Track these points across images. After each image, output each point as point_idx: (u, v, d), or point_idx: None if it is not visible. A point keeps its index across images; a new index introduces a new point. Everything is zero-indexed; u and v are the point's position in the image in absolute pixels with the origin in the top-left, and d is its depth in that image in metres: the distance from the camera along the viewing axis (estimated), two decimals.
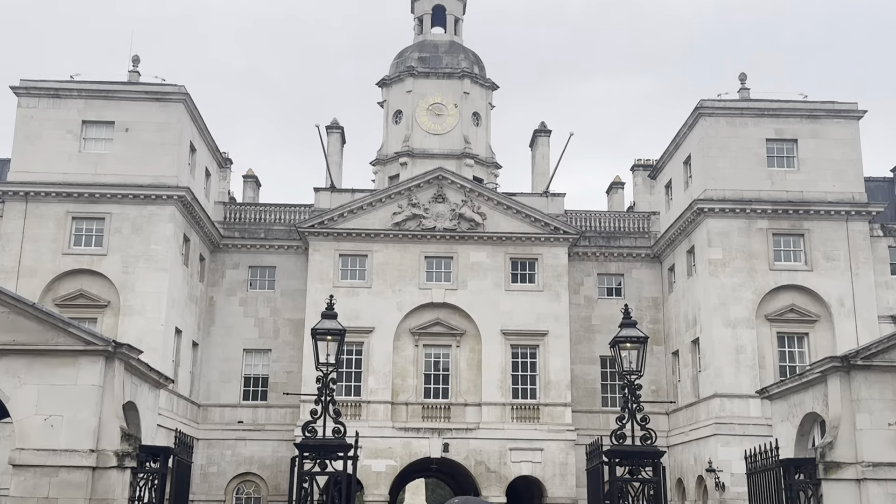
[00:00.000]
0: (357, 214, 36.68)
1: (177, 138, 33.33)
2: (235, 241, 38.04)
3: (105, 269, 32.20)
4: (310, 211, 38.40)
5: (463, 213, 36.60)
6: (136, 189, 32.62)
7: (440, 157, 43.81)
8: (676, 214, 36.10)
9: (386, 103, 46.52)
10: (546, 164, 42.82)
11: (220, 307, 37.57)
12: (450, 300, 36.11)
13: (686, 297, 35.27)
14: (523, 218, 36.68)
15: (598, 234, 38.81)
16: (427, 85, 45.43)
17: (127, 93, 33.65)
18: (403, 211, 36.62)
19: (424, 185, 36.93)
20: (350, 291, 35.92)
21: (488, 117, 46.61)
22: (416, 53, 46.47)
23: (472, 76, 45.65)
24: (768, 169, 33.63)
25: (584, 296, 38.02)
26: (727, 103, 34.34)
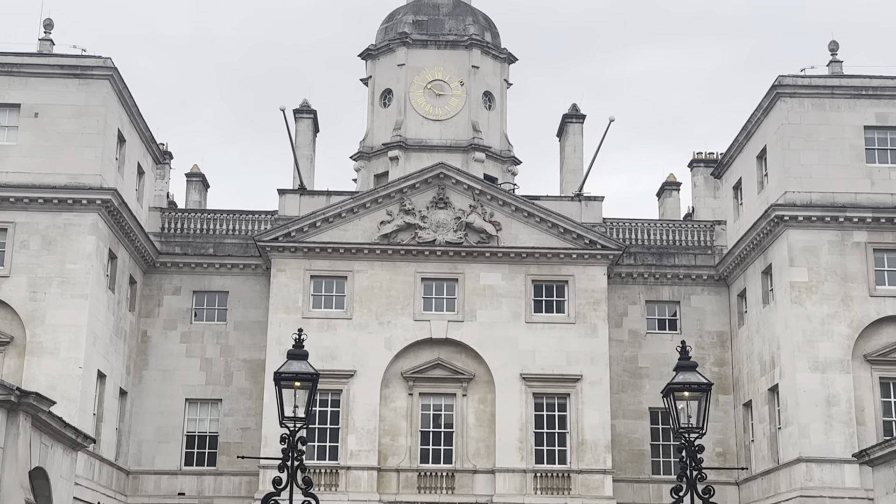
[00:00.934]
0: (334, 224, 36.82)
1: (101, 126, 33.54)
2: (176, 259, 38.22)
3: (6, 294, 32.28)
4: (273, 219, 38.61)
5: (471, 222, 36.75)
6: (48, 191, 32.77)
7: (442, 149, 44.05)
8: (748, 224, 36.15)
9: (371, 80, 46.83)
10: (579, 158, 43.04)
11: (155, 344, 37.67)
12: (454, 335, 36.20)
13: (761, 331, 35.29)
14: (549, 228, 36.83)
15: (647, 250, 38.92)
16: (425, 56, 45.73)
17: (36, 67, 33.88)
18: (394, 219, 36.79)
19: (421, 185, 37.09)
20: (324, 324, 36.02)
21: (504, 98, 46.90)
22: (410, 16, 46.83)
23: (482, 45, 45.94)
24: (867, 165, 33.73)
25: (629, 330, 38.08)
26: (814, 80, 34.51)
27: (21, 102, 33.49)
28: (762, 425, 34.81)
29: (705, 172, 41.63)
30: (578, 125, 43.72)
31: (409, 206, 36.78)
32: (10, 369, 31.46)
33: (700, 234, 39.45)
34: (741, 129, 37.14)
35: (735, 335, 37.74)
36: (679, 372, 15.18)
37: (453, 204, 36.90)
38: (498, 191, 37.63)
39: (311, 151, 43.66)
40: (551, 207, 37.36)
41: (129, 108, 35.81)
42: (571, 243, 36.69)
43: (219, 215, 39.32)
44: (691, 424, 14.77)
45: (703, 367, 36.19)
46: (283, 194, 38.52)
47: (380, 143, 45.34)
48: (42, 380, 30.99)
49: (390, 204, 36.90)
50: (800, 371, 32.09)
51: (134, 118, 36.46)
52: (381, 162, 45.10)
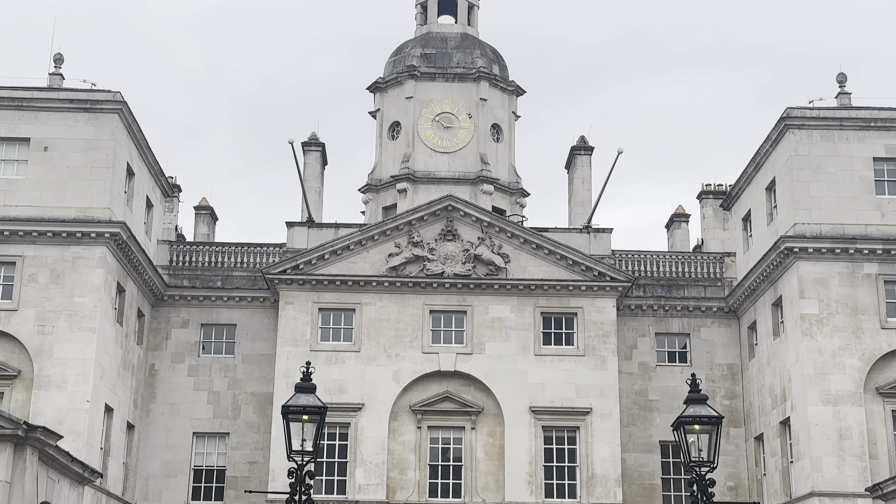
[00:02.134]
0: (342, 256, 36.86)
1: (110, 160, 33.66)
2: (184, 292, 38.24)
3: (14, 328, 32.27)
4: (281, 252, 38.65)
5: (479, 254, 36.76)
6: (57, 224, 32.86)
7: (450, 181, 44.18)
8: (758, 256, 36.09)
9: (380, 113, 47.04)
10: (587, 190, 43.10)
11: (163, 378, 37.64)
12: (462, 368, 36.12)
13: (772, 364, 35.15)
14: (558, 260, 36.83)
15: (657, 282, 38.87)
16: (433, 89, 45.97)
17: (46, 101, 34.07)
18: (402, 252, 36.81)
19: (429, 217, 37.16)
20: (333, 357, 35.99)
21: (512, 131, 47.06)
22: (418, 49, 47.11)
23: (490, 78, 46.18)
24: (877, 197, 33.71)
25: (639, 362, 37.95)
26: (822, 112, 34.55)
27: (31, 136, 33.63)
28: (774, 459, 34.59)
29: (714, 204, 41.69)
30: (587, 157, 43.77)
31: (418, 238, 36.81)
32: (17, 403, 31.44)
33: (710, 266, 39.40)
34: (750, 160, 37.15)
35: (746, 368, 37.58)
36: (689, 405, 15.17)
37: (462, 236, 36.95)
38: (506, 223, 37.67)
39: (319, 184, 43.77)
40: (560, 239, 37.40)
41: (139, 141, 35.98)
42: (580, 275, 36.66)
43: (227, 248, 39.39)
44: (702, 458, 14.74)
45: (714, 400, 36.05)
46: (291, 227, 38.60)
47: (388, 175, 45.46)
48: (49, 414, 30.95)
49: (398, 236, 36.94)
50: (811, 404, 31.91)
51: (143, 151, 36.62)
52: (389, 194, 45.21)
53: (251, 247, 39.42)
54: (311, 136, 44.02)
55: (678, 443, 15.22)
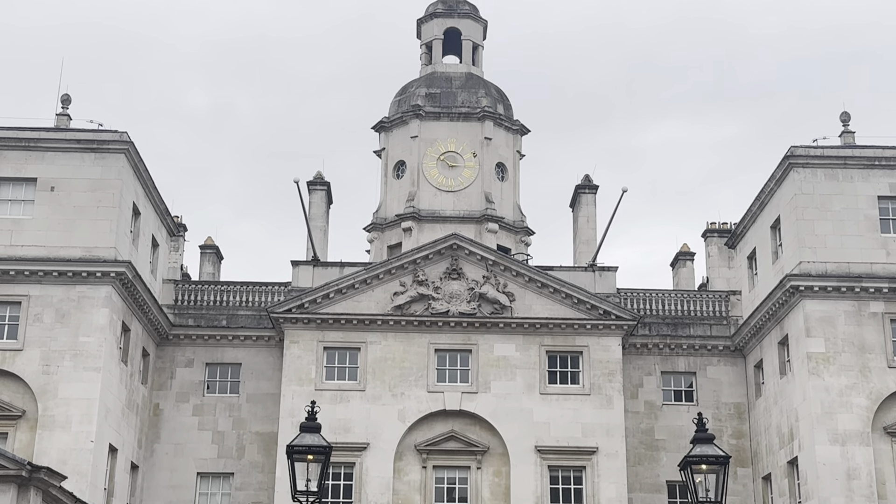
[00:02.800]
0: (347, 295, 36.85)
1: (116, 199, 33.79)
2: (189, 331, 38.21)
3: (19, 368, 32.24)
4: (286, 291, 38.66)
5: (485, 292, 36.74)
6: (62, 264, 32.91)
7: (454, 220, 44.23)
8: (764, 294, 36.02)
9: (385, 152, 47.20)
10: (592, 229, 43.15)
11: (167, 417, 37.51)
12: (468, 407, 35.98)
13: (779, 403, 34.98)
14: (563, 299, 36.80)
15: (662, 321, 38.79)
16: (437, 128, 46.16)
17: (53, 142, 34.24)
18: (407, 290, 36.80)
19: (434, 256, 37.19)
20: (338, 396, 35.87)
21: (516, 170, 47.16)
22: (423, 89, 47.35)
23: (495, 117, 46.36)
24: (882, 235, 33.74)
25: (645, 401, 37.80)
26: (826, 151, 34.64)
27: (38, 176, 33.76)
28: (782, 499, 34.33)
29: (719, 242, 41.56)
30: (591, 196, 43.84)
31: (423, 277, 36.81)
32: (21, 443, 31.33)
33: (715, 305, 39.34)
34: (754, 199, 37.22)
35: (752, 407, 37.40)
36: (696, 444, 15.10)
37: (467, 275, 36.96)
38: (511, 261, 37.67)
39: (324, 223, 43.86)
40: (565, 278, 37.38)
41: (145, 181, 36.11)
42: (585, 314, 36.62)
43: (232, 287, 39.41)
44: (710, 498, 14.65)
45: (721, 440, 35.85)
46: (296, 266, 38.63)
47: (393, 214, 45.53)
48: (53, 454, 30.84)
49: (403, 275, 36.95)
50: (819, 443, 31.73)
51: (149, 191, 36.75)
52: (394, 233, 45.25)
53: (256, 286, 39.41)
54: (316, 175, 44.18)
55: (685, 483, 15.12)
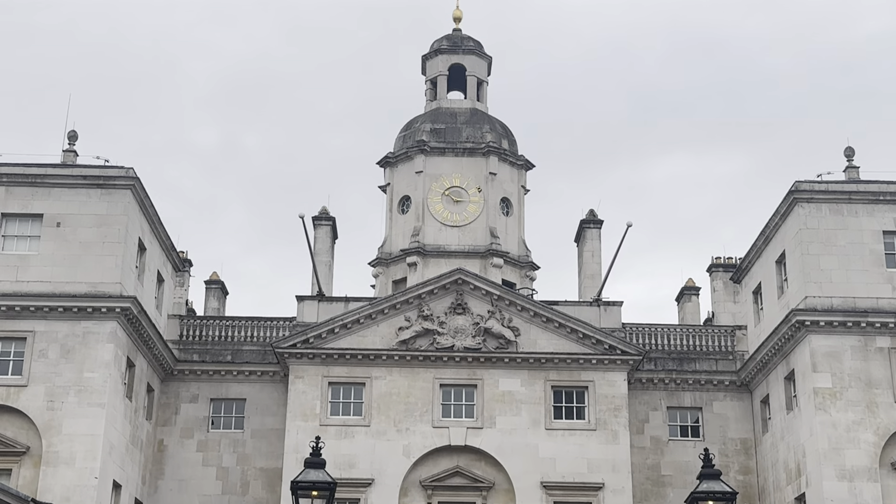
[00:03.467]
0: (352, 330, 36.83)
1: (122, 235, 33.84)
2: (194, 367, 38.17)
3: (24, 404, 32.13)
4: (291, 326, 38.66)
5: (490, 327, 36.70)
6: (68, 300, 32.89)
7: (459, 255, 44.28)
8: (769, 329, 35.92)
9: (390, 187, 47.34)
10: (597, 263, 43.16)
11: (172, 453, 37.39)
12: (473, 442, 35.83)
13: (786, 438, 34.78)
14: (568, 334, 36.74)
15: (668, 356, 38.69)
16: (442, 164, 46.31)
17: (59, 178, 34.28)
18: (412, 325, 36.78)
19: (439, 291, 37.18)
20: (342, 431, 35.76)
21: (521, 204, 47.26)
22: (428, 124, 47.53)
23: (500, 152, 46.51)
24: (888, 270, 33.62)
25: (651, 436, 37.62)
26: (831, 186, 34.63)
27: (44, 212, 33.81)
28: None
29: (724, 277, 41.60)
30: (596, 230, 43.89)
31: (428, 311, 36.78)
32: (25, 480, 31.18)
33: (721, 340, 39.25)
34: (759, 234, 37.20)
35: (759, 442, 37.20)
36: (703, 480, 15.08)
37: (472, 309, 36.93)
38: (516, 296, 37.65)
39: (329, 258, 43.85)
40: (570, 313, 37.34)
41: (151, 216, 36.22)
42: (591, 349, 36.53)
43: (237, 322, 39.43)
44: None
45: (728, 476, 35.74)
46: (301, 301, 38.63)
47: (398, 249, 45.58)
48: (57, 490, 30.71)
49: (408, 310, 36.94)
50: (827, 479, 31.50)
51: (155, 227, 36.85)
52: (399, 268, 45.28)
53: (261, 321, 39.42)
54: (321, 210, 44.24)
55: None
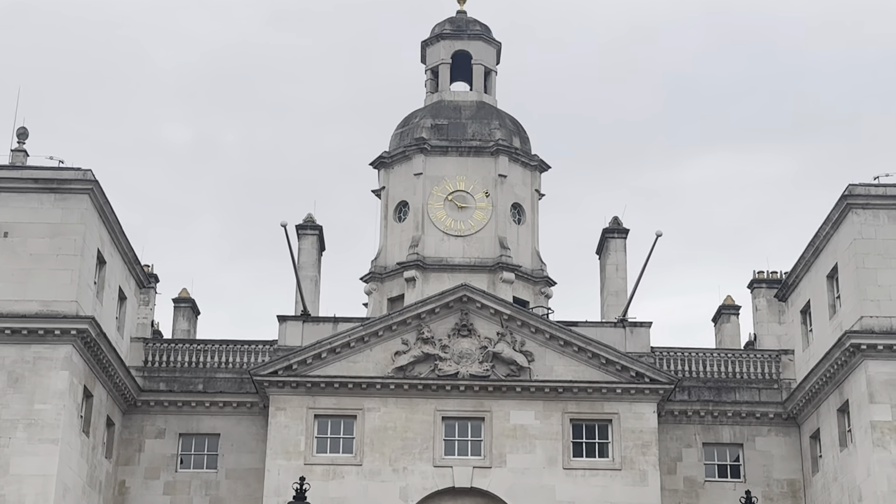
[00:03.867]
0: (341, 355, 36.99)
1: (78, 246, 33.88)
2: (160, 397, 38.28)
3: None
4: (271, 350, 38.76)
5: (499, 352, 36.87)
6: (16, 320, 32.90)
7: (465, 269, 44.43)
8: (820, 354, 35.98)
9: (384, 192, 47.49)
10: (622, 279, 43.36)
11: (134, 496, 37.47)
12: (480, 484, 35.95)
13: (839, 479, 34.88)
14: (589, 359, 36.90)
15: (703, 384, 38.83)
16: (445, 165, 46.50)
17: (7, 181, 34.23)
18: (411, 350, 36.96)
19: (442, 310, 37.35)
20: (330, 471, 35.88)
21: (535, 211, 47.39)
22: (428, 119, 47.68)
23: (510, 152, 46.65)
24: None
25: (684, 477, 37.73)
26: (889, 190, 34.73)
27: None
28: None
29: (768, 294, 41.50)
30: (621, 241, 44.07)
31: (428, 334, 36.97)
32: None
33: (764, 366, 39.34)
34: (808, 245, 37.28)
35: (809, 484, 37.28)
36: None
37: (479, 331, 37.11)
38: (529, 316, 37.80)
39: (315, 272, 43.98)
40: (591, 335, 37.43)
41: (111, 225, 36.25)
42: (615, 376, 36.68)
43: (210, 346, 39.52)
44: None
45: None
46: (283, 322, 38.71)
47: (394, 262, 45.70)
48: None
49: (406, 332, 37.12)
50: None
51: (116, 237, 36.91)
52: (395, 284, 45.39)
53: (238, 344, 39.53)
54: (306, 217, 44.39)
55: None
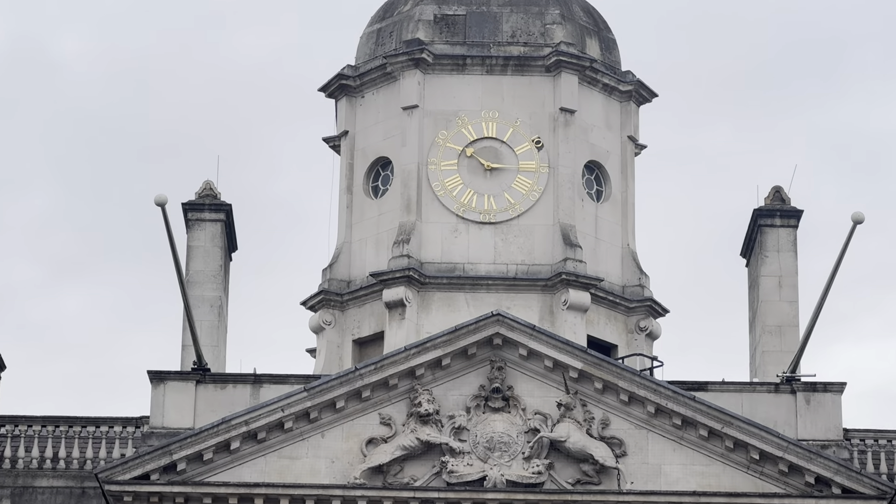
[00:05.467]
0: (269, 445, 37.23)
1: None
2: None
3: None
4: (137, 437, 39.51)
5: (562, 438, 36.84)
6: None
7: (497, 284, 44.63)
8: None
9: (346, 140, 47.64)
10: (790, 302, 43.44)
11: None
12: None
13: None
14: (730, 452, 37.12)
15: None
16: (460, 89, 46.71)
17: None
18: (397, 435, 37.06)
19: (456, 361, 37.46)
20: None
21: (628, 175, 47.58)
22: (430, 6, 47.80)
23: (581, 65, 46.49)
24: None
25: None
26: None
27: None
28: None
29: None
30: (788, 231, 43.99)
31: (430, 406, 36.94)
32: None
33: None
34: None
35: None
36: None
37: (523, 401, 37.32)
38: (618, 371, 37.69)
39: (219, 290, 44.06)
40: (729, 404, 37.70)
41: None
42: (779, 484, 36.98)
43: (24, 430, 40.27)
44: None
45: None
46: (158, 383, 38.95)
47: (364, 272, 45.85)
48: None
49: (389, 401, 37.36)
50: None
51: None
52: (367, 312, 45.51)
53: (76, 426, 40.29)
54: (202, 189, 44.44)
55: None
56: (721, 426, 36.81)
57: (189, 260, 43.25)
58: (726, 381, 39.78)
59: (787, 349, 41.68)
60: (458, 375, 37.48)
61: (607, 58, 47.68)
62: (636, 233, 47.47)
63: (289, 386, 38.19)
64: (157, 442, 37.49)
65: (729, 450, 36.95)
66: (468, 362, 37.44)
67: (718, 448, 37.03)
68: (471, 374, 37.48)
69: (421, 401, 36.94)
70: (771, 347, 42.81)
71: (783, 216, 44.01)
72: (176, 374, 39.43)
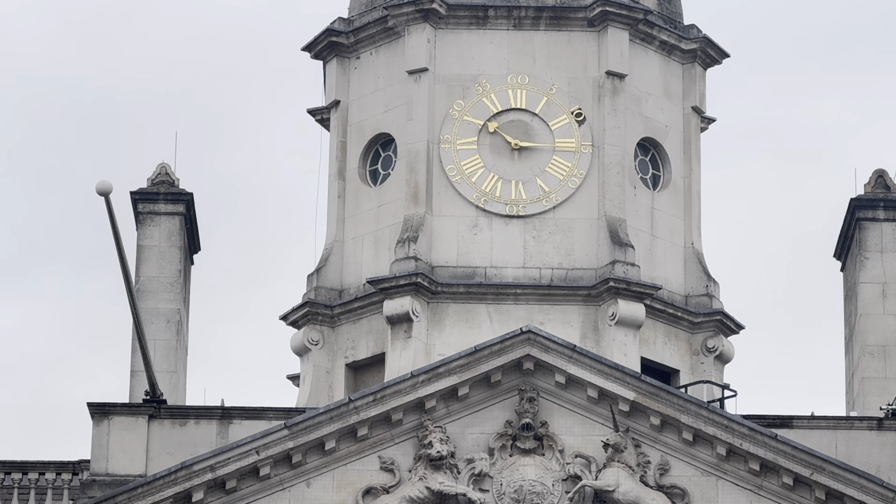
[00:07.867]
0: (241, 496, 37.45)
1: None
2: None
3: None
4: (72, 485, 39.72)
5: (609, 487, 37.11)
6: None
7: (528, 293, 44.86)
8: None
9: (338, 113, 47.88)
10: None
11: None
12: None
13: None
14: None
15: None
16: (480, 48, 46.90)
17: None
18: (401, 483, 37.48)
19: (476, 391, 37.69)
20: None
21: (691, 157, 47.59)
22: None
23: (630, 17, 46.48)
24: None
25: None
26: None
27: None
28: None
29: None
30: (893, 226, 43.67)
31: (443, 447, 37.01)
32: None
33: None
34: None
35: None
36: None
37: (560, 439, 37.45)
38: (680, 403, 37.77)
39: (178, 301, 44.25)
40: (823, 446, 37.84)
41: None
42: None
43: None
44: None
45: None
46: (102, 418, 38.97)
47: (359, 278, 45.97)
48: None
49: (392, 441, 37.32)
50: None
51: None
52: (364, 329, 45.64)
53: (8, 471, 40.36)
54: (157, 172, 44.55)
55: None
56: (810, 472, 36.90)
57: (140, 264, 43.42)
58: (816, 415, 39.81)
59: (894, 375, 41.68)
60: (479, 409, 37.64)
61: (666, 8, 47.75)
62: (703, 229, 47.41)
63: (265, 422, 38.32)
64: (100, 493, 37.56)
65: (820, 501, 37.12)
66: (491, 392, 37.61)
67: (807, 499, 37.19)
68: (495, 406, 37.63)
69: (432, 441, 37.00)
70: (872, 373, 42.76)
71: (888, 207, 43.91)
72: (123, 406, 39.44)
